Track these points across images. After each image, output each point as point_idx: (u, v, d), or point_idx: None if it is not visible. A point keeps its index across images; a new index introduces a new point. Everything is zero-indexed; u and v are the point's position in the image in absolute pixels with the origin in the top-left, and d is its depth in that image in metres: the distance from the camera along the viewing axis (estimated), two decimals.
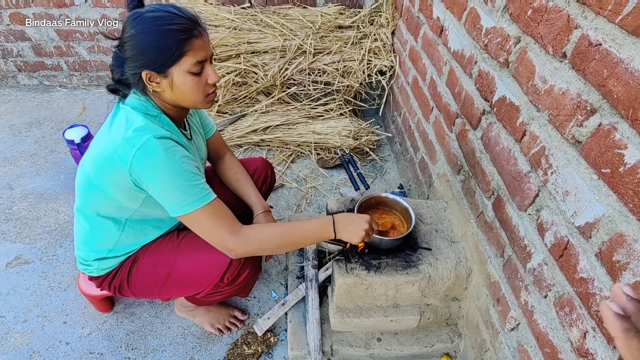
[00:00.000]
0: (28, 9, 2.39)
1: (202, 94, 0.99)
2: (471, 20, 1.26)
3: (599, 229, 0.75)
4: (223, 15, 2.29)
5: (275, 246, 1.06)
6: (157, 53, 0.89)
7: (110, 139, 0.94)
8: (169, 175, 0.92)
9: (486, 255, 1.19)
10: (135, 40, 0.89)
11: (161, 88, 0.95)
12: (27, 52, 2.60)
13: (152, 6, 0.93)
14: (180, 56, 0.90)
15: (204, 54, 0.94)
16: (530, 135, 0.96)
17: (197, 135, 1.21)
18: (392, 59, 2.19)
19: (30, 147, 2.22)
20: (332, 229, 1.06)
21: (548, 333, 0.91)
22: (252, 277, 1.20)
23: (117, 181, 0.95)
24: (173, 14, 0.90)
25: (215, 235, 1.01)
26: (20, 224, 1.78)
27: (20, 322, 1.42)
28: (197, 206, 0.96)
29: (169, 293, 1.20)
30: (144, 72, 0.91)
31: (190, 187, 0.95)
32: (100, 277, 1.17)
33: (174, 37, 0.89)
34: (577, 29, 0.80)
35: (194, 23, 0.93)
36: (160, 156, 0.91)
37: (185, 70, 0.92)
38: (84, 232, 1.11)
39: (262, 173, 1.43)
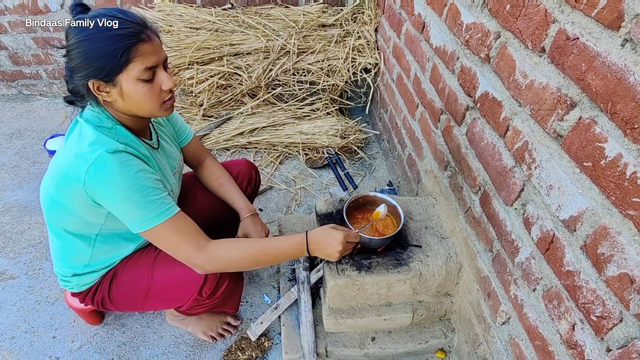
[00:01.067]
0: (2, 17, 2.33)
1: (156, 101, 0.94)
2: (452, 16, 1.26)
3: (583, 222, 0.76)
4: (204, 17, 2.26)
5: (245, 265, 1.04)
6: (102, 61, 0.84)
7: (64, 155, 0.91)
8: (124, 191, 0.88)
9: (475, 250, 1.19)
10: (79, 48, 0.85)
11: (112, 97, 0.91)
12: (4, 62, 2.54)
13: (95, 11, 0.88)
14: (127, 62, 0.86)
15: (154, 59, 0.89)
16: (514, 130, 0.97)
17: (167, 143, 1.17)
18: (376, 56, 2.19)
19: (11, 159, 2.17)
20: (306, 250, 1.05)
21: (538, 326, 0.92)
22: (232, 288, 1.18)
23: (77, 198, 0.92)
24: (119, 19, 0.86)
25: (179, 252, 0.98)
26: (3, 238, 1.74)
27: (8, 340, 1.39)
28: (157, 222, 0.93)
29: (151, 306, 1.19)
30: (90, 82, 0.87)
31: (148, 203, 0.91)
32: (82, 292, 1.15)
33: (119, 43, 0.84)
34: (555, 24, 0.80)
35: (141, 27, 0.88)
36: (114, 172, 0.87)
37: (135, 77, 0.88)
38: (58, 249, 1.09)
39: (246, 175, 1.41)
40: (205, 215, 1.36)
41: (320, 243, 1.06)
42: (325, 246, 1.06)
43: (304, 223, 1.70)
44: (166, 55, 0.95)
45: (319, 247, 1.06)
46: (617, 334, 0.70)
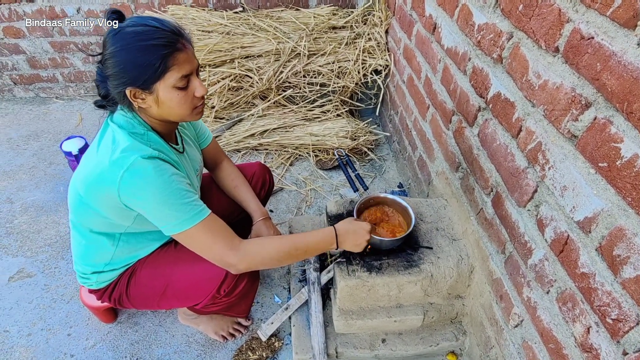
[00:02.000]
0: (21, 22, 2.40)
1: (189, 107, 0.96)
2: (463, 16, 1.26)
3: (598, 224, 0.75)
4: (216, 20, 2.29)
5: (277, 260, 1.06)
6: (140, 70, 0.86)
7: (98, 160, 0.93)
8: (159, 195, 0.90)
9: (487, 252, 1.18)
10: (116, 57, 0.87)
11: (147, 104, 0.93)
12: (22, 65, 2.60)
13: (132, 20, 0.90)
14: (165, 72, 0.88)
15: (189, 67, 0.92)
16: (527, 131, 0.96)
17: (190, 147, 1.19)
18: (386, 58, 2.19)
19: (29, 160, 2.22)
20: (335, 241, 1.07)
21: (552, 329, 0.91)
22: (249, 287, 1.19)
23: (107, 201, 0.94)
24: (154, 28, 0.87)
25: (213, 252, 1.00)
26: (21, 237, 1.78)
27: (25, 336, 1.42)
28: (191, 224, 0.95)
29: (167, 304, 1.20)
30: (127, 90, 0.89)
31: (182, 205, 0.93)
32: (100, 290, 1.17)
33: (156, 53, 0.86)
34: (569, 23, 0.79)
35: (177, 36, 0.90)
36: (149, 177, 0.89)
37: (171, 85, 0.90)
38: (80, 247, 1.11)
39: (260, 178, 1.42)
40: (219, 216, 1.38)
41: (349, 233, 1.08)
42: (355, 236, 1.08)
43: (315, 224, 1.70)
44: (198, 62, 0.97)
45: (349, 237, 1.08)
46: (633, 337, 0.68)
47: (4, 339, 1.41)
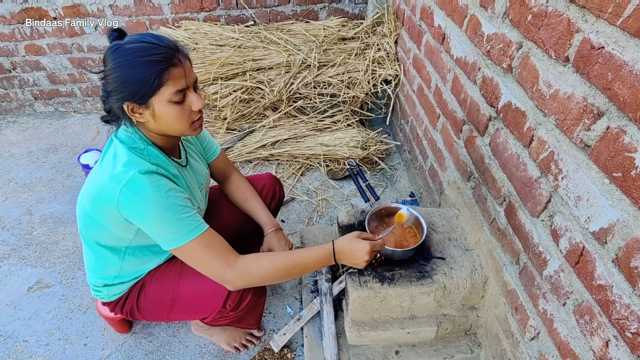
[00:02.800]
0: (42, 40, 2.49)
1: (186, 122, 0.97)
2: (472, 27, 1.26)
3: (614, 235, 0.74)
4: (228, 34, 2.34)
5: (275, 278, 1.05)
6: (136, 85, 0.89)
7: (100, 175, 0.95)
8: (156, 210, 0.92)
9: (501, 262, 1.17)
10: (115, 73, 0.89)
11: (145, 119, 0.95)
12: (42, 81, 2.69)
13: (131, 37, 0.92)
14: (159, 86, 0.89)
15: (184, 82, 0.93)
16: (538, 140, 0.95)
17: (195, 160, 1.20)
18: (396, 68, 2.20)
19: (47, 173, 2.29)
20: (333, 260, 1.06)
21: (569, 342, 0.89)
22: (256, 302, 1.20)
23: (110, 215, 0.96)
24: (151, 44, 0.89)
25: (210, 268, 1.00)
26: (40, 248, 1.83)
27: (43, 346, 1.45)
28: (188, 239, 0.95)
29: (177, 317, 1.21)
30: (125, 104, 0.91)
31: (179, 221, 0.94)
32: (112, 302, 1.20)
33: (152, 68, 0.88)
34: (579, 33, 0.79)
35: (173, 51, 0.91)
36: (147, 192, 0.90)
37: (166, 99, 0.91)
38: (90, 260, 1.14)
39: (270, 189, 1.43)
40: (230, 228, 1.40)
41: (347, 253, 1.07)
42: (352, 257, 1.06)
43: (326, 234, 1.70)
44: (196, 76, 0.99)
45: (346, 256, 1.07)
46: None
47: (23, 349, 1.44)
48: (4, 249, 1.82)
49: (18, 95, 2.75)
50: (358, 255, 1.05)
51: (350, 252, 1.06)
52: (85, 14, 2.40)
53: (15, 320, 1.53)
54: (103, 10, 2.40)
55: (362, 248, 1.06)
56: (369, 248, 1.05)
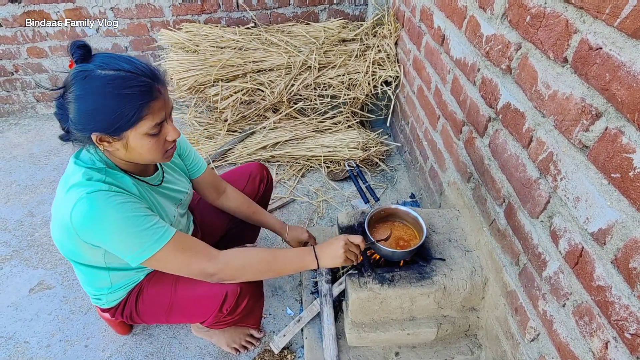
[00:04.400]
0: (44, 42, 2.50)
1: (160, 152, 0.92)
2: (471, 28, 1.26)
3: (613, 235, 0.73)
4: (228, 36, 2.35)
5: (257, 271, 1.05)
6: (111, 119, 0.81)
7: (56, 198, 0.92)
8: (115, 227, 0.87)
9: (501, 263, 1.17)
10: (84, 102, 0.80)
11: (114, 148, 0.88)
12: (44, 83, 2.71)
13: (102, 61, 0.82)
14: (138, 121, 0.83)
15: (162, 114, 0.87)
16: (537, 141, 0.95)
17: (174, 177, 1.16)
18: (396, 69, 2.20)
19: (49, 174, 2.30)
20: (314, 256, 1.06)
21: (569, 343, 0.89)
22: (252, 305, 1.20)
23: (72, 240, 0.92)
24: (128, 73, 0.81)
25: (191, 268, 0.97)
26: (41, 250, 1.83)
27: (44, 347, 1.46)
28: (158, 247, 0.91)
29: (176, 320, 1.21)
30: (93, 135, 0.83)
31: (142, 232, 0.89)
32: (111, 308, 1.20)
33: (130, 102, 0.81)
34: (577, 34, 0.79)
35: (152, 80, 0.84)
36: (99, 211, 0.85)
37: (143, 133, 0.85)
38: (81, 275, 1.12)
39: (257, 173, 1.47)
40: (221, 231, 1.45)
41: (324, 246, 1.08)
42: (330, 249, 1.07)
43: (326, 235, 1.70)
44: (172, 104, 0.93)
45: (325, 251, 1.07)
46: None
47: (24, 350, 1.45)
48: (6, 250, 1.83)
49: (20, 97, 2.76)
50: (334, 246, 1.06)
51: (328, 245, 1.08)
52: (86, 16, 2.41)
53: (16, 321, 1.54)
54: (104, 13, 2.41)
55: (338, 237, 1.08)
56: (343, 237, 1.08)
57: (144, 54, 2.62)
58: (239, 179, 1.43)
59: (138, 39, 2.54)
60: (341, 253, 1.06)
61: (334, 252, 1.06)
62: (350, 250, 1.07)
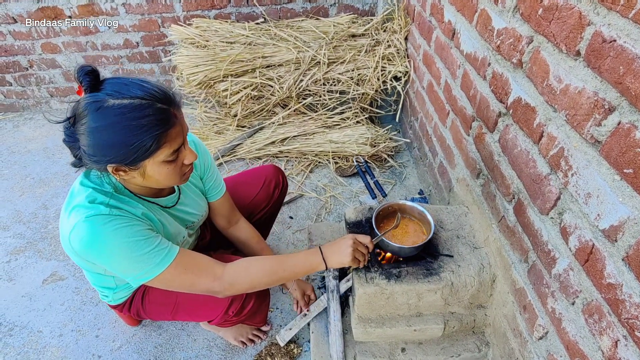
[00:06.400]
0: (58, 38, 2.54)
1: (178, 176, 0.90)
2: (482, 22, 1.24)
3: (624, 232, 0.72)
4: (238, 32, 2.36)
5: (266, 283, 1.03)
6: (127, 151, 0.78)
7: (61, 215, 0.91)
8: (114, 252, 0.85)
9: (510, 260, 1.15)
10: (99, 135, 0.77)
11: (130, 176, 0.86)
12: (58, 79, 2.75)
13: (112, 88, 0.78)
14: (156, 150, 0.81)
15: (180, 140, 0.85)
16: (548, 136, 0.93)
17: (191, 198, 1.14)
18: (406, 65, 2.18)
19: (62, 168, 2.34)
20: (321, 257, 1.05)
21: (578, 342, 0.87)
22: (259, 305, 1.20)
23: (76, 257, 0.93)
24: (143, 101, 0.77)
25: (197, 287, 0.96)
26: (54, 242, 1.87)
27: (57, 337, 1.49)
28: (160, 269, 0.90)
29: (181, 318, 1.23)
30: (109, 166, 0.81)
31: (144, 255, 0.87)
32: (118, 305, 1.22)
33: (148, 133, 0.77)
34: (590, 26, 0.77)
35: (168, 106, 0.81)
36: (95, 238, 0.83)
37: (161, 160, 0.83)
38: (90, 276, 1.13)
39: (273, 179, 1.44)
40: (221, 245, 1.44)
41: (332, 246, 1.07)
42: (337, 246, 1.06)
43: (334, 231, 1.70)
44: (187, 126, 0.90)
45: (332, 251, 1.06)
46: None
47: (37, 339, 1.48)
48: (21, 242, 1.87)
49: (35, 92, 2.81)
50: (342, 246, 1.05)
51: (335, 244, 1.06)
52: (99, 12, 2.44)
53: (30, 311, 1.58)
54: (116, 9, 2.43)
55: (345, 237, 1.07)
56: (351, 236, 1.06)
57: (154, 50, 2.65)
58: (254, 182, 1.42)
59: (149, 35, 2.56)
60: (349, 253, 1.05)
61: (341, 252, 1.05)
62: (358, 250, 1.07)
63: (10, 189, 2.19)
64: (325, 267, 1.05)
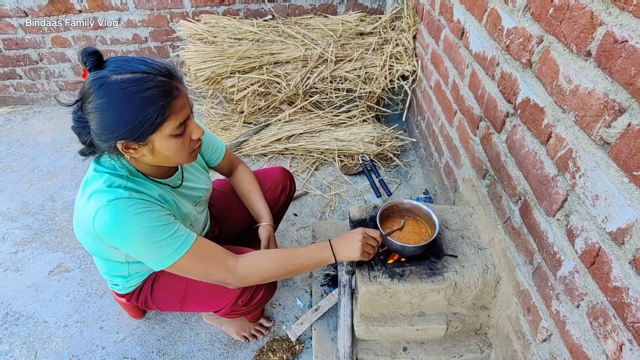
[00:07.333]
0: (67, 32, 2.56)
1: (187, 152, 0.92)
2: (492, 21, 1.23)
3: (632, 235, 0.71)
4: (246, 28, 2.36)
5: (276, 275, 1.05)
6: (134, 125, 0.80)
7: (77, 203, 0.92)
8: (135, 237, 0.87)
9: (515, 262, 1.14)
10: (105, 112, 0.78)
11: (140, 154, 0.88)
12: (67, 73, 2.78)
13: (115, 65, 0.80)
14: (162, 122, 0.82)
15: (185, 112, 0.86)
16: (556, 137, 0.92)
17: (193, 174, 1.16)
18: (414, 64, 2.17)
19: (70, 161, 2.36)
20: (330, 251, 1.05)
21: (582, 345, 0.87)
22: (268, 297, 1.22)
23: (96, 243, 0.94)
24: (144, 74, 0.79)
25: (210, 277, 0.99)
26: (61, 234, 1.89)
27: (62, 327, 1.51)
28: (177, 256, 0.92)
29: (189, 308, 1.23)
30: (119, 143, 0.83)
31: (163, 241, 0.90)
32: (127, 294, 1.23)
33: (152, 105, 0.79)
34: (602, 26, 0.76)
35: (170, 79, 0.83)
36: (118, 221, 0.85)
37: (168, 134, 0.85)
38: (101, 265, 1.15)
39: (280, 182, 1.44)
40: (241, 226, 1.44)
41: (341, 240, 1.07)
42: (347, 242, 1.05)
43: (338, 229, 1.70)
44: (192, 102, 0.92)
45: (342, 245, 1.06)
46: None
47: (43, 329, 1.50)
48: (28, 233, 1.89)
49: (44, 86, 2.84)
50: (352, 240, 1.05)
51: (345, 237, 1.06)
52: (108, 7, 2.46)
53: (36, 301, 1.60)
54: (126, 4, 2.45)
55: (354, 231, 1.06)
56: (361, 229, 1.06)
57: (163, 45, 2.66)
58: (262, 184, 1.42)
59: (158, 30, 2.58)
60: (359, 247, 1.05)
61: (351, 245, 1.05)
62: (368, 244, 1.07)
63: (18, 180, 2.22)
64: (335, 261, 1.06)
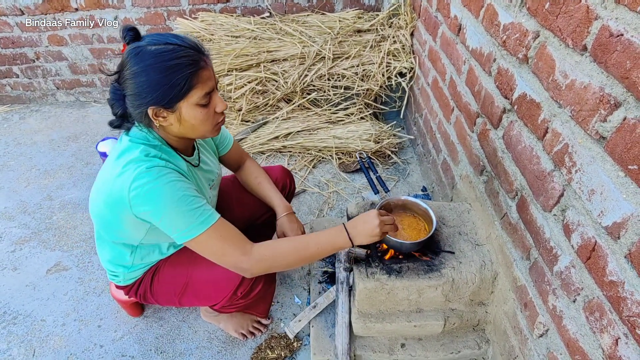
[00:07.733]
0: (64, 30, 2.55)
1: (211, 124, 0.97)
2: (489, 17, 1.23)
3: (627, 229, 0.71)
4: (243, 26, 2.35)
5: (291, 262, 1.04)
6: (164, 89, 0.87)
7: (109, 173, 0.95)
8: (167, 202, 0.91)
9: (512, 258, 1.15)
10: (139, 77, 0.87)
11: (168, 122, 0.94)
12: (64, 71, 2.77)
13: (151, 38, 0.90)
14: (189, 90, 0.89)
15: (211, 84, 0.93)
16: (553, 132, 0.92)
17: (207, 157, 1.20)
18: (411, 61, 2.17)
19: (67, 160, 2.36)
20: (346, 235, 1.02)
21: (578, 339, 0.87)
22: (266, 290, 1.21)
23: (122, 214, 0.96)
24: (176, 46, 0.87)
25: (226, 259, 1.00)
26: (59, 232, 1.89)
27: (59, 326, 1.51)
28: (202, 229, 0.94)
29: (188, 302, 1.23)
30: (150, 109, 0.89)
31: (191, 212, 0.93)
32: (127, 286, 1.23)
33: (181, 72, 0.86)
34: (597, 20, 0.76)
35: (199, 53, 0.91)
36: (155, 186, 0.90)
37: (194, 103, 0.91)
38: (105, 252, 1.16)
39: (280, 181, 1.44)
40: (246, 218, 1.42)
41: (358, 222, 1.03)
42: (363, 224, 1.02)
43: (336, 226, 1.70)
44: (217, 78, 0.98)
45: (358, 227, 1.02)
46: None
47: (41, 328, 1.50)
48: (26, 232, 1.89)
49: (41, 84, 2.84)
50: (369, 219, 1.02)
51: (362, 220, 1.03)
52: (105, 5, 2.45)
53: (34, 300, 1.60)
54: (123, 2, 2.44)
55: (369, 213, 1.03)
56: (375, 211, 1.03)
57: None
58: None
59: (155, 28, 2.57)
60: (377, 231, 1.01)
61: (369, 229, 1.01)
62: (385, 224, 1.03)
63: (16, 179, 2.21)
64: (352, 246, 1.04)
